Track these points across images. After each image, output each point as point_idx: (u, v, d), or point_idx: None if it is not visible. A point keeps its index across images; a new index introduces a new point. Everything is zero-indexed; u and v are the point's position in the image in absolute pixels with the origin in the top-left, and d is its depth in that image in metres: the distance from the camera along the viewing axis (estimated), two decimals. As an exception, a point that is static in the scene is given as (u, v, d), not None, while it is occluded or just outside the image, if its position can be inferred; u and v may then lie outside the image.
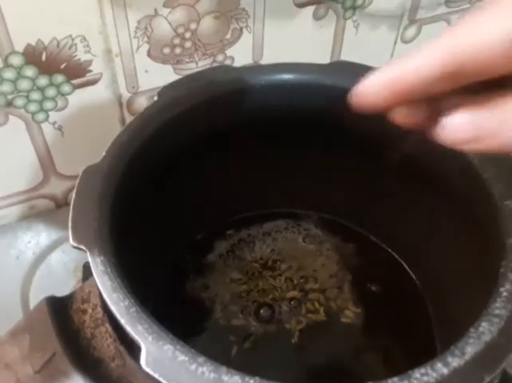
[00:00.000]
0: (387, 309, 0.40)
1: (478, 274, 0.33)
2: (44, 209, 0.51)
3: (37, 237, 0.50)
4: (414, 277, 0.41)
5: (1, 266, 0.47)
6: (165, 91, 0.34)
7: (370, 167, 0.38)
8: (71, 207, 0.29)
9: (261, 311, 0.40)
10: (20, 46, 0.39)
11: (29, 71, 0.41)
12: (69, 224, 0.28)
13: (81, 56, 0.42)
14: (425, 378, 0.23)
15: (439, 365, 0.23)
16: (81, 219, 0.28)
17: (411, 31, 0.53)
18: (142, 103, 0.47)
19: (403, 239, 0.41)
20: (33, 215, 0.51)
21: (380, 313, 0.40)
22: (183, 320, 0.37)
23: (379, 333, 0.39)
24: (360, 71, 0.35)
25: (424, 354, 0.25)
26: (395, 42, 0.53)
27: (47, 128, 0.46)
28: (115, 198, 0.29)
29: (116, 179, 0.30)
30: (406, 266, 0.41)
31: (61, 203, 0.52)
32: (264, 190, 0.42)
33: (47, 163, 0.48)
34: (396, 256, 0.42)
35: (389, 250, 0.42)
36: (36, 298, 0.45)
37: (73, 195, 0.29)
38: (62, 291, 0.31)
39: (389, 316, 0.40)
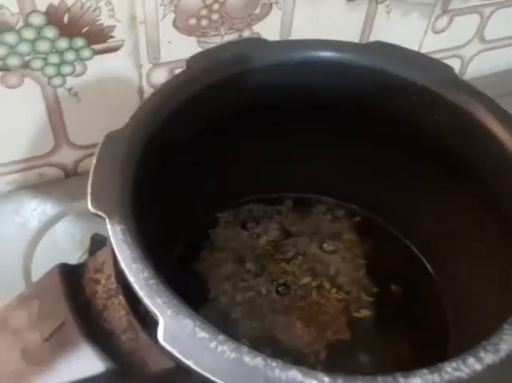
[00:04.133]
0: (402, 305, 0.39)
1: (503, 273, 0.32)
2: (53, 178, 0.50)
3: (44, 205, 0.48)
4: (432, 272, 0.39)
5: (5, 233, 0.46)
6: (194, 60, 0.32)
7: (396, 153, 0.37)
8: (91, 171, 0.27)
9: (272, 294, 0.38)
10: (42, 5, 0.38)
11: (50, 32, 0.40)
12: (88, 189, 0.26)
13: (105, 20, 0.41)
14: (457, 373, 0.22)
15: (471, 360, 0.22)
16: (101, 185, 0.27)
17: (443, 21, 0.51)
18: (162, 75, 0.45)
19: (422, 232, 0.40)
20: (41, 183, 0.50)
21: (394, 308, 0.39)
22: (193, 297, 0.36)
23: (391, 329, 0.38)
24: (397, 53, 0.34)
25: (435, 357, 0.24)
26: (426, 32, 0.51)
27: (62, 93, 0.44)
28: (139, 167, 0.28)
29: (141, 147, 0.29)
30: (425, 261, 0.40)
31: (70, 173, 0.50)
32: (282, 171, 0.41)
33: (59, 131, 0.47)
34: (416, 250, 0.41)
35: (407, 241, 0.41)
36: (38, 267, 0.44)
37: (94, 160, 0.28)
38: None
39: (403, 311, 0.39)
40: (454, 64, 0.57)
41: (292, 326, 0.37)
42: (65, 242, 0.46)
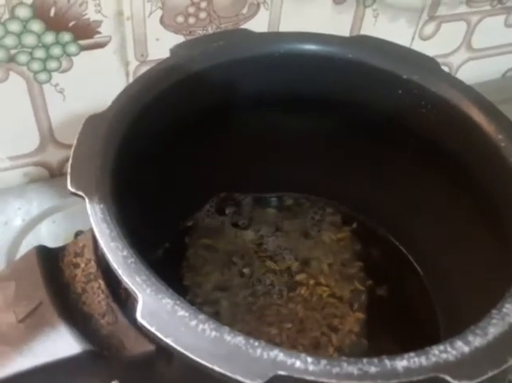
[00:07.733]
0: (391, 303, 0.38)
1: (489, 268, 0.32)
2: (38, 177, 0.49)
3: (28, 205, 0.47)
4: (420, 271, 0.39)
5: (-12, 232, 0.45)
6: (178, 49, 0.32)
7: (384, 150, 0.37)
8: (71, 152, 0.27)
9: (259, 295, 0.38)
10: (29, -2, 0.38)
11: (36, 26, 0.39)
12: (68, 169, 0.26)
13: (91, 15, 0.40)
14: (444, 355, 0.21)
15: (459, 344, 0.22)
16: (82, 165, 0.26)
17: (430, 28, 0.52)
18: (150, 73, 0.45)
19: (410, 231, 0.39)
20: (26, 182, 0.49)
21: (384, 309, 0.38)
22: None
23: (382, 330, 0.37)
24: (383, 47, 0.34)
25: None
26: (413, 38, 0.52)
27: (48, 89, 0.44)
28: (121, 149, 0.27)
29: (122, 130, 0.28)
30: (412, 260, 0.40)
31: (55, 173, 0.49)
32: (265, 170, 0.40)
33: (45, 129, 0.46)
34: (403, 249, 0.40)
35: (395, 242, 0.41)
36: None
37: (75, 141, 0.27)
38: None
39: (393, 309, 0.38)
40: (442, 72, 0.57)
41: (278, 329, 0.37)
42: (49, 242, 0.45)
